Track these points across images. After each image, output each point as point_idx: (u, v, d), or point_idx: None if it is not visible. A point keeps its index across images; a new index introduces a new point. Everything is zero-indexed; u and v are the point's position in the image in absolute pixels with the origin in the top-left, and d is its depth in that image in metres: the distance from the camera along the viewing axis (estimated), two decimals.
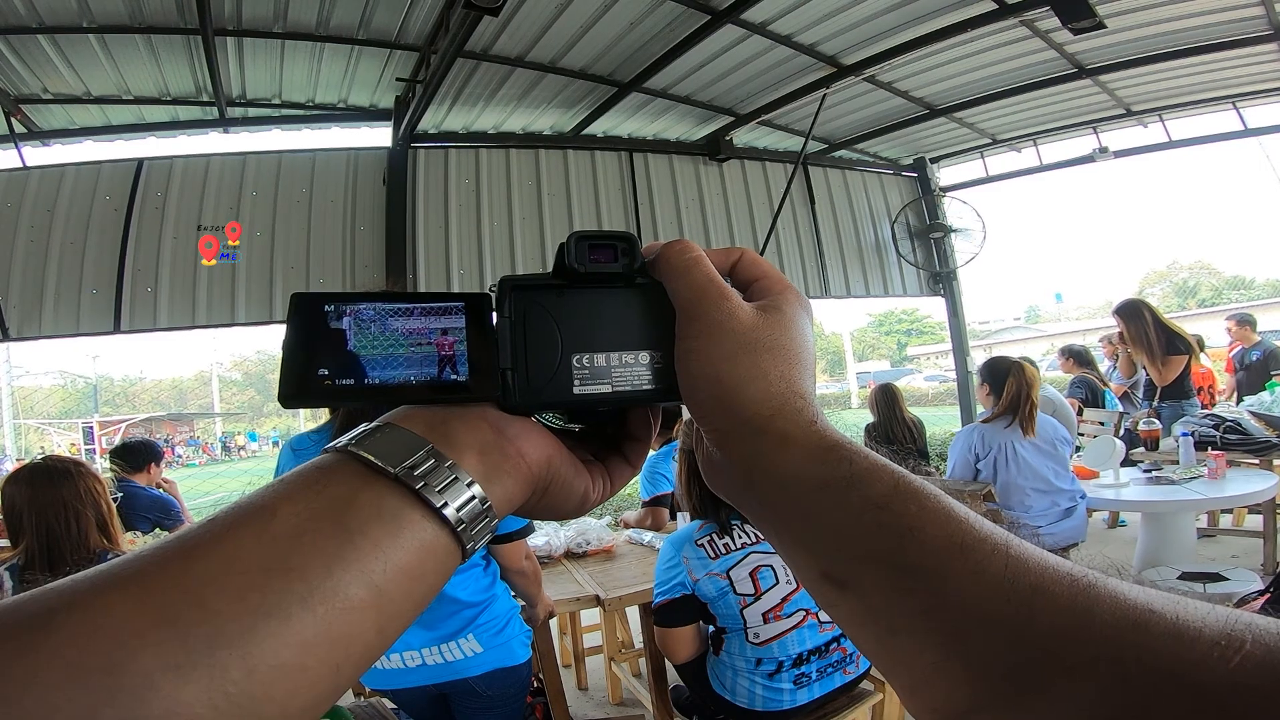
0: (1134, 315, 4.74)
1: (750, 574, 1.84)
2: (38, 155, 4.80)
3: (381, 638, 0.30)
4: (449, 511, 0.31)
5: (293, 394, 0.34)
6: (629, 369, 0.38)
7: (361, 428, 0.34)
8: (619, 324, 0.39)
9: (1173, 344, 4.69)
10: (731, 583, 1.84)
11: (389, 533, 0.30)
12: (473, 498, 0.33)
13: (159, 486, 3.61)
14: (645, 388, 0.38)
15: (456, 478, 0.32)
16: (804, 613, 1.85)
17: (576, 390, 0.38)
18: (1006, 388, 3.31)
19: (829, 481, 0.32)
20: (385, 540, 0.30)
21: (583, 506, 0.40)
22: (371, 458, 0.31)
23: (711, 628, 1.96)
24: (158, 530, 3.27)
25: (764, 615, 1.84)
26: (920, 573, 0.28)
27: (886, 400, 4.71)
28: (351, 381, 0.35)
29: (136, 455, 3.52)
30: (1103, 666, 0.24)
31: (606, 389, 0.38)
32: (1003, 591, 0.27)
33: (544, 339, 0.38)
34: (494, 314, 0.38)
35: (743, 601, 1.84)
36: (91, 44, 3.93)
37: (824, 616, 1.85)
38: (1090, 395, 5.47)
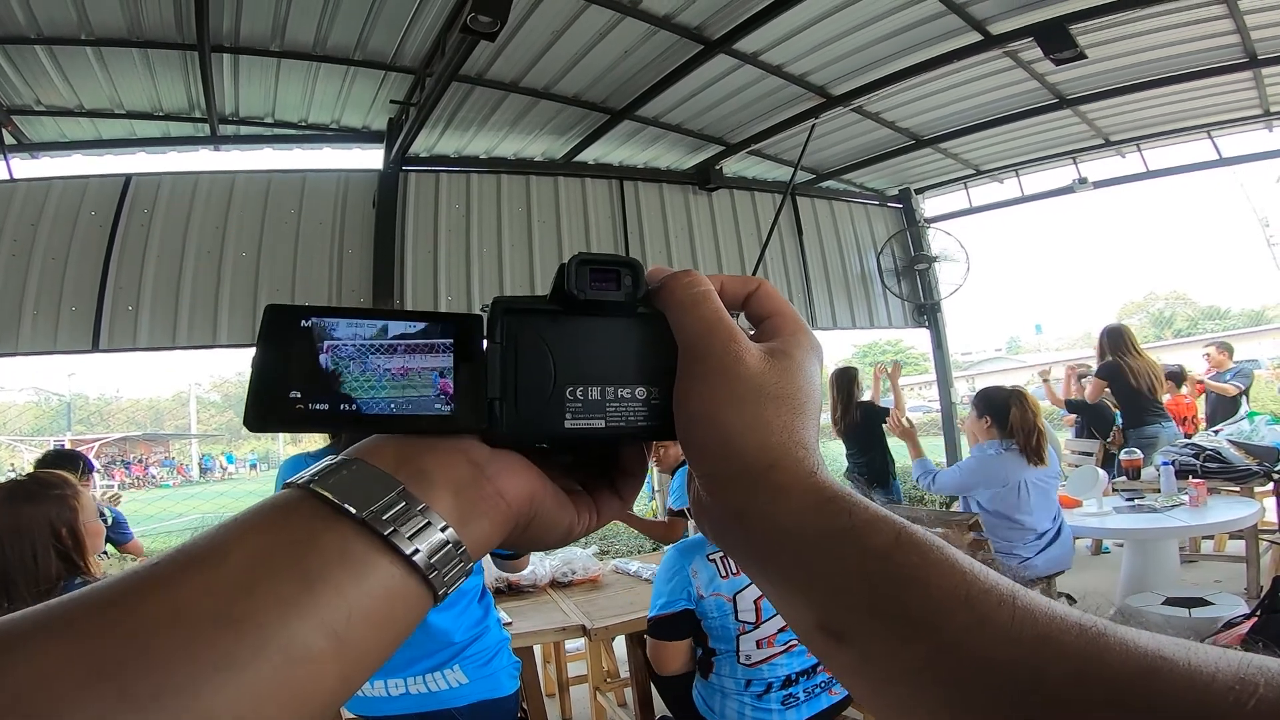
0: (1103, 336, 5.07)
1: (755, 602, 1.84)
2: (25, 168, 4.76)
3: (346, 685, 0.28)
4: (419, 557, 0.29)
5: (261, 416, 0.31)
6: (624, 404, 0.37)
7: (326, 462, 0.31)
8: (616, 356, 0.37)
9: (1102, 370, 5.01)
10: (735, 608, 1.84)
11: (353, 579, 0.28)
12: (446, 542, 0.30)
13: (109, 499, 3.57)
14: (640, 424, 0.37)
15: (429, 521, 0.30)
16: (796, 641, 1.84)
17: (569, 424, 0.36)
18: (1012, 418, 3.28)
19: (828, 533, 0.31)
20: (349, 587, 0.28)
21: (566, 539, 0.39)
22: (335, 498, 0.29)
23: (701, 650, 1.94)
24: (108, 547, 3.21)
25: (758, 642, 1.84)
26: (922, 624, 0.28)
27: (846, 381, 5.10)
28: (326, 406, 0.32)
29: (73, 465, 3.44)
30: (1115, 715, 0.24)
31: (600, 424, 0.36)
32: (1009, 641, 0.26)
33: (536, 368, 0.36)
34: (484, 338, 0.35)
35: (741, 628, 1.84)
36: (88, 56, 3.91)
37: None
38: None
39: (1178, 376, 6.42)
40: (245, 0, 3.62)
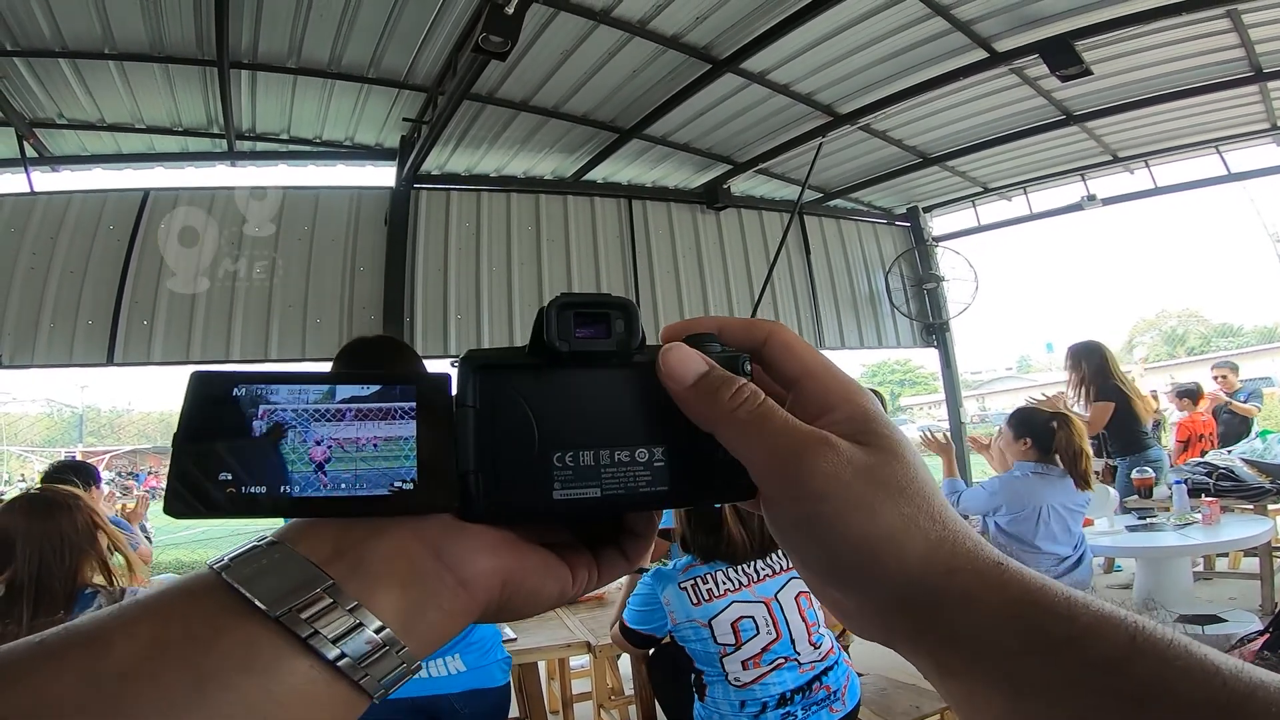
0: (1080, 355, 4.57)
1: (732, 625, 1.84)
2: (46, 181, 4.85)
3: None
4: (345, 662, 0.26)
5: (184, 504, 0.27)
6: (623, 469, 0.32)
7: (248, 544, 0.27)
8: (611, 413, 0.32)
9: (1106, 393, 4.44)
10: (713, 632, 1.84)
11: (258, 683, 0.24)
12: (383, 645, 0.27)
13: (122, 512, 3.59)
14: (643, 490, 0.32)
15: (360, 622, 0.26)
16: (783, 659, 1.85)
17: (558, 495, 0.31)
18: (1058, 441, 3.15)
19: (1039, 644, 0.25)
20: (252, 691, 0.24)
21: (558, 603, 0.34)
22: (246, 591, 0.25)
23: (693, 674, 1.95)
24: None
25: (743, 663, 1.84)
26: None
27: None
28: (263, 490, 0.28)
29: (85, 475, 3.48)
30: None
31: (595, 493, 0.31)
32: None
33: (516, 433, 0.31)
34: (453, 400, 0.31)
35: (723, 651, 1.84)
36: (110, 70, 4.00)
37: (803, 658, 1.85)
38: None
39: (1194, 394, 6.38)
40: (264, 17, 3.71)
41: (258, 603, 0.25)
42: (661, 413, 0.32)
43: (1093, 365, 4.50)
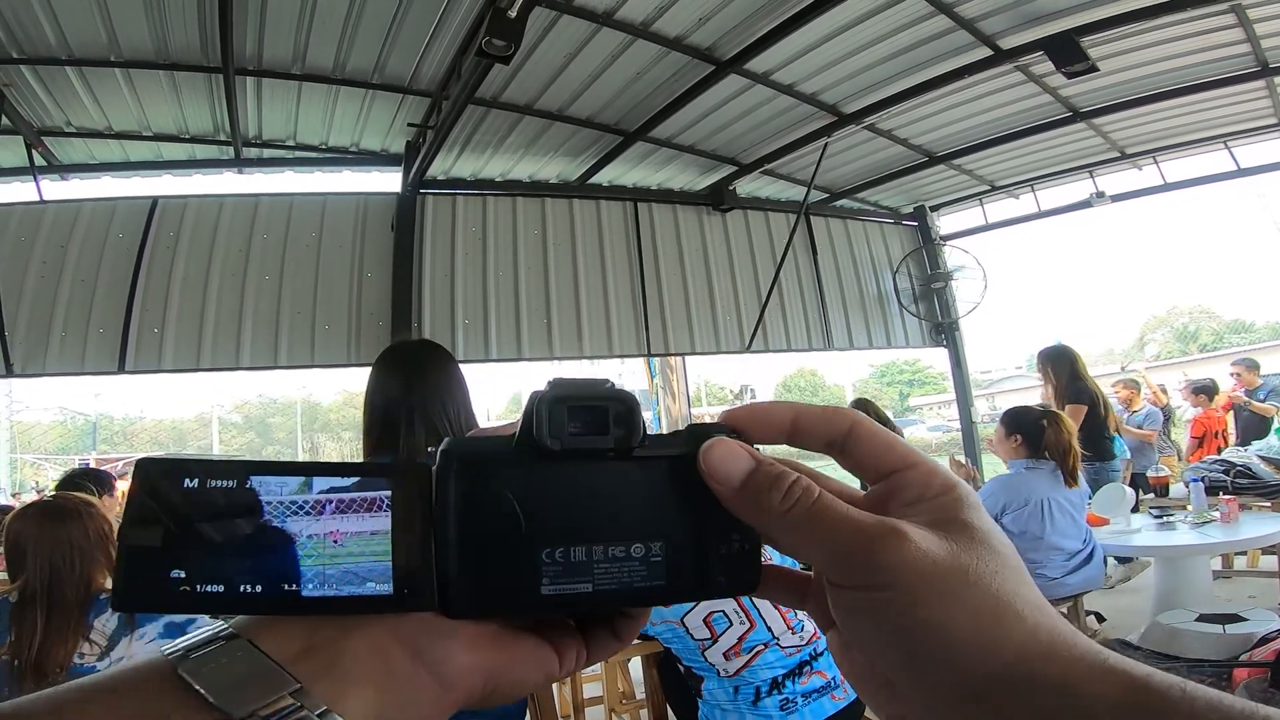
0: (1048, 359, 4.64)
1: (704, 620, 1.87)
2: (55, 189, 4.89)
3: None
4: None
5: (135, 599, 0.25)
6: (619, 564, 0.30)
7: (208, 633, 0.26)
8: (607, 508, 0.30)
9: (1079, 394, 4.44)
10: (687, 629, 1.88)
11: None
12: None
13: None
14: (640, 585, 0.30)
15: None
16: (763, 644, 1.86)
17: (546, 590, 0.29)
18: (1047, 439, 3.25)
19: None
20: None
21: (545, 686, 0.33)
22: (205, 693, 0.24)
23: (682, 667, 1.99)
24: None
25: (724, 654, 1.87)
26: None
27: (863, 411, 4.69)
28: (220, 589, 0.25)
29: (100, 482, 3.49)
30: None
31: (586, 588, 0.30)
32: None
33: (502, 529, 0.29)
34: (434, 495, 0.29)
35: (701, 645, 1.87)
36: (117, 78, 4.03)
37: (785, 641, 1.88)
38: None
39: (1209, 390, 6.31)
40: (267, 23, 3.73)
41: (219, 704, 0.23)
42: (661, 507, 0.31)
43: (1063, 370, 4.53)
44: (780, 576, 0.34)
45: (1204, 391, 6.19)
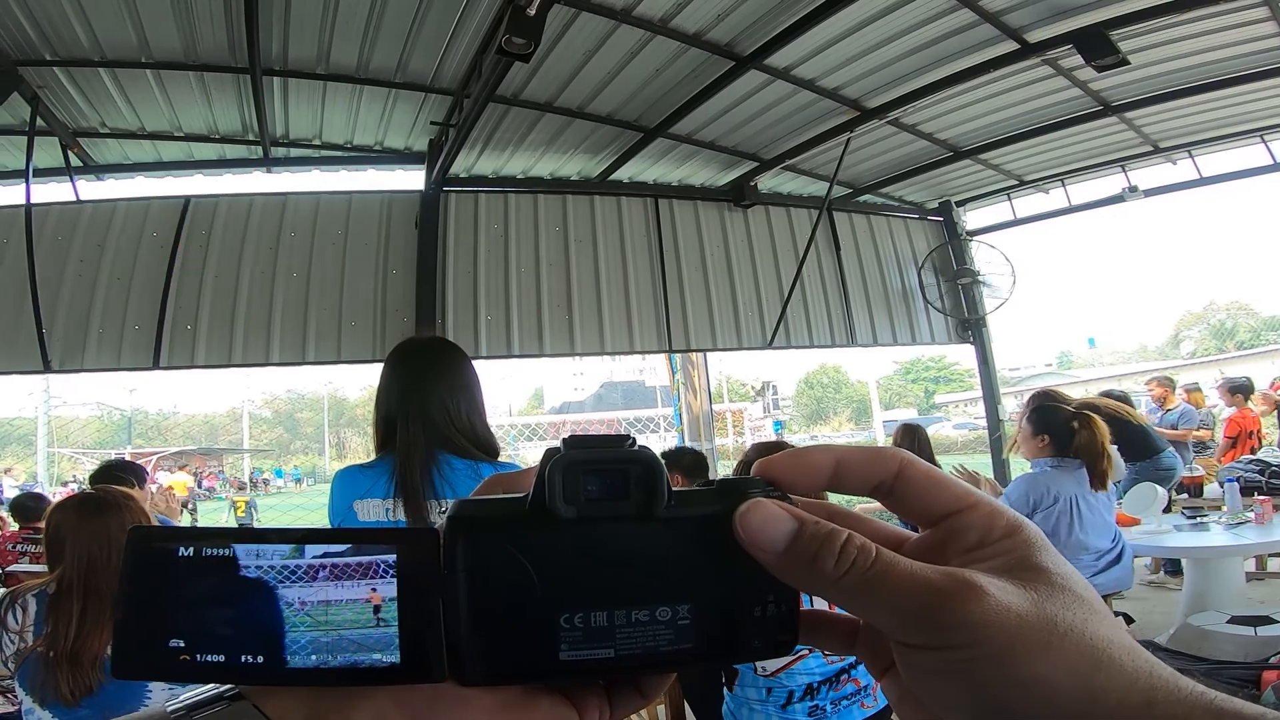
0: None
1: None
2: (91, 189, 5.04)
3: None
4: None
5: (134, 667, 0.25)
6: (644, 628, 0.28)
7: (208, 693, 0.26)
8: (630, 571, 0.29)
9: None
10: None
11: None
12: None
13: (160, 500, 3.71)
14: (666, 649, 0.29)
15: None
16: (806, 650, 1.83)
17: (565, 655, 0.28)
18: (1079, 441, 3.04)
19: None
20: None
21: None
22: None
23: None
24: None
25: None
26: None
27: (910, 442, 4.57)
28: (221, 658, 0.25)
29: (134, 474, 3.58)
30: None
31: (609, 653, 0.28)
32: None
33: (516, 594, 0.27)
34: (442, 562, 0.28)
35: None
36: (148, 79, 4.13)
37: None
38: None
39: (1246, 389, 6.13)
40: (292, 23, 3.79)
41: None
42: (689, 568, 0.29)
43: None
44: (825, 623, 0.32)
45: (1240, 390, 6.01)
